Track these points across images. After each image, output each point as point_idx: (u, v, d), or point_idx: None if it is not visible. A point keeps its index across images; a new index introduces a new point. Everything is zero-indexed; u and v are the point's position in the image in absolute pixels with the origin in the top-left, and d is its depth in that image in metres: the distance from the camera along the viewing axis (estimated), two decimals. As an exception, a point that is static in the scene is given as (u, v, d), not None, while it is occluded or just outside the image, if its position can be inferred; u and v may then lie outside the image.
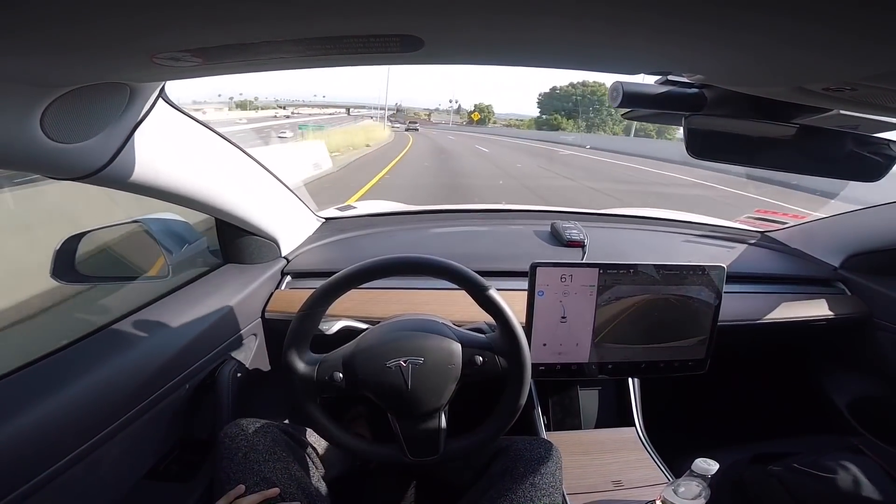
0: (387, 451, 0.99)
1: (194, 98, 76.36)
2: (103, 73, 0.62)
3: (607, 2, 0.37)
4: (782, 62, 0.51)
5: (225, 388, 1.11)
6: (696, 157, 0.78)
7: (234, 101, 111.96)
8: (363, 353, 0.95)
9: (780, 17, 0.37)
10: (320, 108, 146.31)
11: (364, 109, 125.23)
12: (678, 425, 1.44)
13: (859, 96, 0.58)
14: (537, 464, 0.98)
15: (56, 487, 0.75)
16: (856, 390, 1.56)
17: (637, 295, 1.19)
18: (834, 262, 1.63)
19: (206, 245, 1.35)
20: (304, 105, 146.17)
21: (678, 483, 0.93)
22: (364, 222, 1.74)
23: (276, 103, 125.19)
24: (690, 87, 0.76)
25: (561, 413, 1.40)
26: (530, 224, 1.74)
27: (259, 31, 0.45)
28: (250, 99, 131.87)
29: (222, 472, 0.91)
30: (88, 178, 0.78)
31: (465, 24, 0.44)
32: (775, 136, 0.77)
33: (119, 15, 0.40)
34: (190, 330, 1.06)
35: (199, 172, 1.01)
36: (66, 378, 0.81)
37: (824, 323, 1.47)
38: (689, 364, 1.27)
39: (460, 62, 0.60)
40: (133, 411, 0.90)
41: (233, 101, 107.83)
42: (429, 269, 0.95)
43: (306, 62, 0.58)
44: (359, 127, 32.06)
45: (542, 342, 1.20)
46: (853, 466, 1.10)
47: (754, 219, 2.47)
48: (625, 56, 0.57)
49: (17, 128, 0.60)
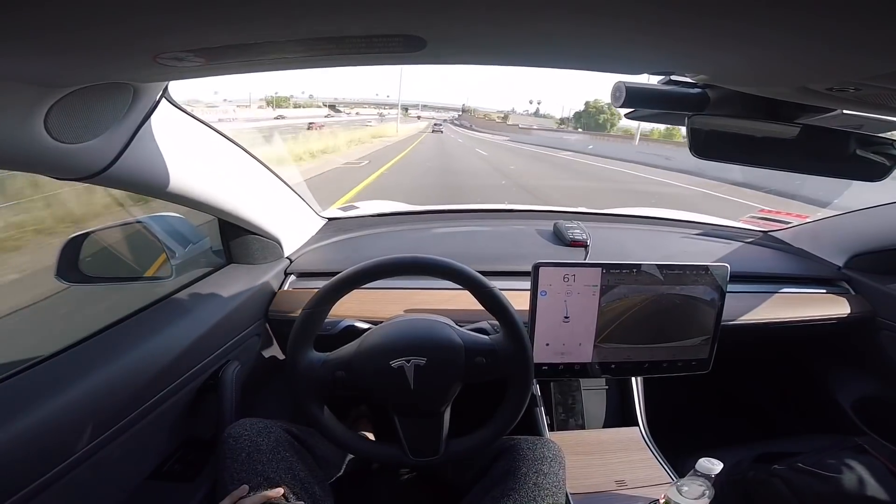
0: (388, 451, 1.00)
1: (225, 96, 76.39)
2: (107, 73, 0.62)
3: (611, 2, 0.37)
4: (786, 62, 0.51)
5: (228, 388, 1.11)
6: (700, 157, 0.78)
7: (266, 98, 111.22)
8: (367, 352, 0.95)
9: (783, 18, 0.37)
10: (358, 106, 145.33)
11: (390, 112, 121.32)
12: (682, 425, 1.44)
13: (863, 96, 0.58)
14: (540, 464, 0.98)
15: (61, 488, 0.75)
16: (860, 390, 1.56)
17: (640, 295, 1.19)
18: (838, 262, 1.63)
19: (209, 245, 1.35)
20: (355, 104, 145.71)
21: (682, 483, 0.93)
22: (366, 222, 1.74)
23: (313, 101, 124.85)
24: (693, 88, 0.76)
25: (564, 413, 1.39)
26: (533, 224, 1.74)
27: (262, 32, 0.45)
28: (286, 96, 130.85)
29: (226, 473, 0.91)
30: (92, 179, 0.78)
31: (468, 24, 0.44)
32: (779, 136, 0.77)
33: (122, 16, 0.40)
34: (194, 330, 1.06)
35: (203, 172, 1.01)
36: (70, 379, 0.81)
37: (828, 323, 1.46)
38: (692, 364, 1.27)
39: (463, 62, 0.60)
40: (137, 412, 0.91)
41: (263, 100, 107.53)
42: (435, 269, 0.95)
43: (308, 62, 0.58)
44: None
45: (545, 342, 1.20)
46: (858, 466, 1.09)
47: (758, 218, 2.48)
48: (628, 56, 0.57)
49: (21, 128, 0.60)
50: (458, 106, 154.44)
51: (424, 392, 0.94)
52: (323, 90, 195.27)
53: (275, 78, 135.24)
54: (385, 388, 0.94)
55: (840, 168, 0.84)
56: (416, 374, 0.92)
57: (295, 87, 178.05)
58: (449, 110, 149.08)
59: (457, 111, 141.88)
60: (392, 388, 0.93)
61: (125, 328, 1.00)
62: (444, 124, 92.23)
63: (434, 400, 0.95)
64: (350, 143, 22.81)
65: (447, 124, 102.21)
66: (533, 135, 49.79)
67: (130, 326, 1.00)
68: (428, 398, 0.95)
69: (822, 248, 1.69)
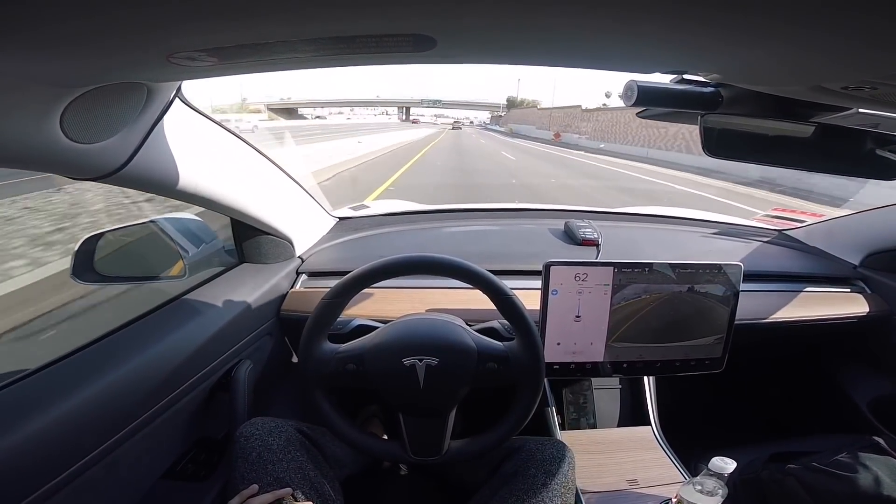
0: (390, 448, 1.00)
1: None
2: (121, 73, 0.62)
3: (623, 1, 0.37)
4: (801, 61, 0.51)
5: (241, 387, 1.12)
6: (712, 156, 0.78)
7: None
8: (380, 348, 0.95)
9: (798, 15, 0.37)
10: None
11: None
12: (694, 424, 1.43)
13: (880, 95, 0.57)
14: (549, 464, 0.98)
15: (76, 487, 0.76)
16: (876, 389, 1.54)
17: (653, 294, 1.18)
18: (854, 261, 1.61)
19: (221, 245, 1.36)
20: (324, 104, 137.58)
21: (695, 482, 0.93)
22: (377, 221, 1.75)
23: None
24: (706, 87, 0.75)
25: (576, 412, 1.39)
26: (544, 223, 1.74)
27: (274, 32, 0.46)
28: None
29: (236, 472, 0.91)
30: (106, 179, 0.79)
31: (478, 23, 0.44)
32: (793, 135, 0.76)
33: (136, 17, 0.41)
34: (207, 329, 1.07)
35: (215, 172, 1.02)
36: (85, 378, 0.82)
37: (844, 322, 1.45)
38: (705, 363, 1.26)
39: (473, 62, 0.60)
40: (151, 411, 0.91)
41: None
42: (454, 271, 0.95)
43: (319, 62, 0.58)
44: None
45: (556, 341, 1.20)
46: (874, 465, 1.08)
47: (772, 217, 2.45)
48: (640, 55, 0.57)
49: (37, 128, 0.61)
50: (496, 103, 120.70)
51: (433, 392, 0.94)
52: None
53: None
54: (394, 385, 0.94)
55: (856, 167, 0.83)
56: (427, 373, 0.92)
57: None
58: (481, 107, 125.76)
59: (495, 108, 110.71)
60: (401, 385, 0.93)
61: (139, 328, 1.00)
62: (466, 127, 77.36)
63: (442, 401, 0.96)
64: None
65: (475, 127, 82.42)
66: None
67: (144, 326, 1.01)
68: (436, 399, 0.95)
69: (837, 247, 1.67)
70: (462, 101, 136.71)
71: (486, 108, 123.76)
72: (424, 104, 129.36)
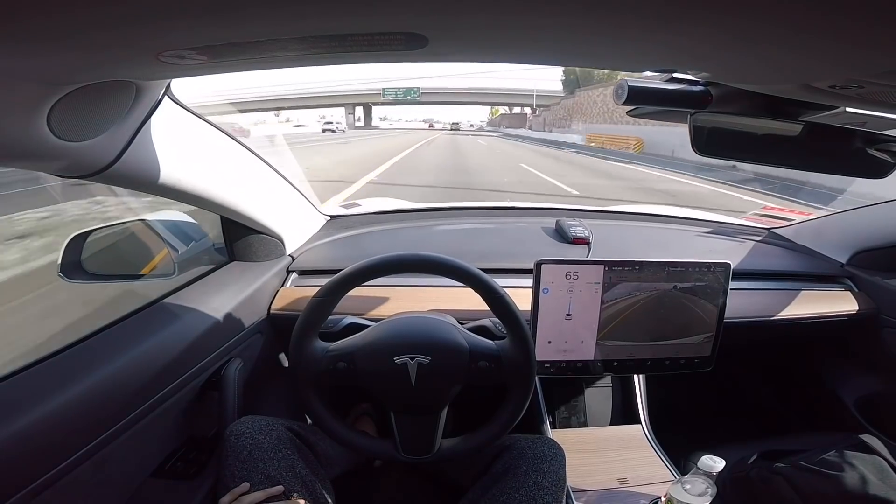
0: (380, 446, 0.99)
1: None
2: (109, 71, 0.62)
3: (612, 0, 0.37)
4: (789, 60, 0.51)
5: (231, 385, 1.12)
6: (702, 154, 0.78)
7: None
8: (371, 346, 0.95)
9: (787, 15, 0.37)
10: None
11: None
12: (684, 423, 1.44)
13: (867, 94, 0.57)
14: (540, 462, 0.98)
15: (64, 485, 0.76)
16: (863, 387, 1.56)
17: (642, 292, 1.19)
18: (841, 259, 1.62)
19: (211, 243, 1.36)
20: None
21: (684, 480, 0.93)
22: (369, 219, 1.74)
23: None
24: (696, 85, 0.76)
25: (566, 411, 1.40)
26: (535, 221, 1.74)
27: (264, 30, 0.45)
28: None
29: (227, 470, 0.91)
30: (95, 176, 0.78)
31: (469, 21, 0.44)
32: (782, 134, 0.77)
33: (125, 14, 0.40)
34: (196, 328, 1.06)
35: (205, 170, 1.02)
36: (73, 376, 0.81)
37: (831, 320, 1.46)
38: (695, 361, 1.27)
39: (464, 60, 0.60)
40: (140, 409, 0.91)
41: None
42: (445, 269, 0.94)
43: (310, 60, 0.58)
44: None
45: (547, 339, 1.20)
46: (861, 464, 1.09)
47: (761, 216, 2.46)
48: (630, 53, 0.57)
49: (24, 126, 0.61)
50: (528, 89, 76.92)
51: (424, 391, 0.93)
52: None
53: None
54: (385, 384, 0.94)
55: (843, 165, 0.84)
56: (419, 372, 0.92)
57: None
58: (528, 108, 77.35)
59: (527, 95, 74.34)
60: (392, 384, 0.93)
61: (127, 325, 1.00)
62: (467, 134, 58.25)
63: (433, 399, 0.95)
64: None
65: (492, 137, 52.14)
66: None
67: (133, 324, 1.01)
68: (427, 397, 0.95)
69: (825, 245, 1.68)
70: (460, 88, 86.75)
71: (505, 102, 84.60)
72: (389, 95, 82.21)
